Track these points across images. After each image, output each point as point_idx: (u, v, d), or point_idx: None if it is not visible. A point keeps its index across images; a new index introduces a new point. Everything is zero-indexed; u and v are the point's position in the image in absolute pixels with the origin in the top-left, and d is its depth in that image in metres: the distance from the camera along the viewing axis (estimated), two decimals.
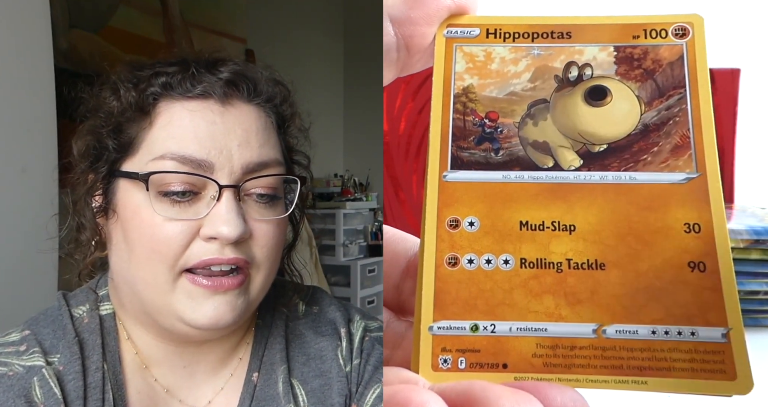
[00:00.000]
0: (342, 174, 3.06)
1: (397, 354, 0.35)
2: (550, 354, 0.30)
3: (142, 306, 0.46)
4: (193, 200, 0.44)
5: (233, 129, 0.45)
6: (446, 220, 0.33)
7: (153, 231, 0.43)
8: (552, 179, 0.33)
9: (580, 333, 0.30)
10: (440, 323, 0.31)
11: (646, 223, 0.32)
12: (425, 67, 0.36)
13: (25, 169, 1.03)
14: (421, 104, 1.00)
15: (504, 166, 0.34)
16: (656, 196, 0.32)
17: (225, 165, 0.44)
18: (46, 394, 0.44)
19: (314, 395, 0.51)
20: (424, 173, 0.34)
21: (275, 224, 0.47)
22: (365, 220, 2.85)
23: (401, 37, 0.34)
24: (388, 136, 1.01)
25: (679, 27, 0.35)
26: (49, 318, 0.48)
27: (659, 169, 0.33)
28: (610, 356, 0.30)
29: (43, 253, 0.56)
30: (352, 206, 2.79)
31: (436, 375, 0.30)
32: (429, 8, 0.35)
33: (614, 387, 0.30)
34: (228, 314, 0.44)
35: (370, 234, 2.83)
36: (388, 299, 0.37)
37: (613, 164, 0.33)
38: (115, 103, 0.46)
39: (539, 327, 0.31)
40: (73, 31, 1.81)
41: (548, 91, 0.35)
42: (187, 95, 0.45)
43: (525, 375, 0.30)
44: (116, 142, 0.46)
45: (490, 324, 0.31)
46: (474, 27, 0.36)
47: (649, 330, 0.30)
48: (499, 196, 0.33)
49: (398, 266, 0.37)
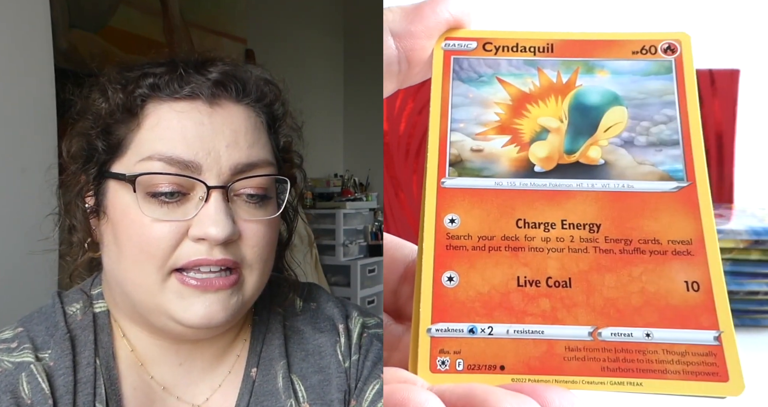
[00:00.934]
0: (342, 174, 3.06)
1: (395, 356, 0.35)
2: (546, 356, 0.31)
3: (133, 306, 0.46)
4: (181, 201, 0.44)
5: (221, 130, 0.45)
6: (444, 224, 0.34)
7: (142, 232, 0.43)
8: (552, 186, 0.34)
9: (576, 335, 0.31)
10: (438, 325, 0.32)
11: (640, 230, 0.33)
12: (424, 78, 0.38)
13: (25, 169, 1.03)
14: (421, 105, 1.00)
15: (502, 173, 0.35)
16: (649, 203, 0.33)
17: (213, 166, 0.44)
18: (33, 390, 0.44)
19: (313, 390, 0.51)
20: (423, 174, 0.35)
21: (266, 224, 0.47)
22: (365, 220, 2.85)
23: (402, 50, 0.35)
24: (388, 136, 1.01)
25: (668, 44, 0.37)
26: (42, 316, 0.49)
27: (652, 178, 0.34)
28: (605, 358, 0.31)
29: (43, 253, 0.55)
30: (352, 206, 2.79)
31: (434, 377, 0.31)
32: (428, 22, 0.36)
33: (610, 389, 0.30)
34: (220, 313, 0.44)
35: (370, 234, 2.83)
36: (386, 303, 0.38)
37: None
38: (104, 105, 0.46)
39: (536, 329, 0.31)
40: (73, 31, 1.81)
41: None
42: (175, 96, 0.45)
43: (522, 376, 0.30)
44: (105, 143, 0.46)
45: (488, 326, 0.31)
46: (471, 40, 0.38)
47: (643, 332, 0.31)
48: (495, 202, 0.34)
49: (396, 272, 0.38)
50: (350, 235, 2.74)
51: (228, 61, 0.48)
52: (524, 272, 0.32)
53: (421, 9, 0.36)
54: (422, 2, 0.36)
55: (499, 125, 0.36)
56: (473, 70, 0.37)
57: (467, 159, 0.35)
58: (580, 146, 0.35)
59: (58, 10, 1.69)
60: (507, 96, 0.37)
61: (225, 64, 0.48)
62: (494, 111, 0.36)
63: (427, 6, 0.36)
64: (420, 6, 0.36)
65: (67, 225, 0.49)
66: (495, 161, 0.35)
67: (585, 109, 0.36)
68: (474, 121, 0.36)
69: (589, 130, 0.36)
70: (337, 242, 2.68)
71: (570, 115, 0.36)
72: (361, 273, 2.64)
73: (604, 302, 0.32)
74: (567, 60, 0.37)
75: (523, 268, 0.32)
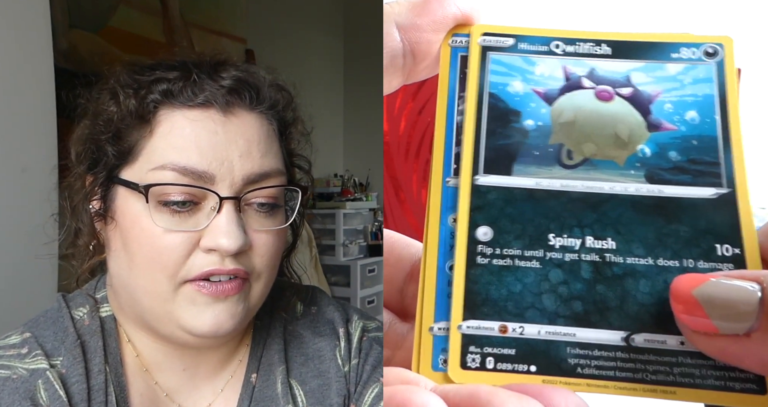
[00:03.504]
0: (342, 174, 3.06)
1: (399, 355, 0.35)
2: (578, 359, 0.30)
3: (141, 312, 0.46)
4: (193, 210, 0.43)
5: (235, 139, 0.44)
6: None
7: (153, 242, 0.43)
8: (586, 188, 0.33)
9: (608, 340, 0.30)
10: (469, 322, 0.31)
11: (676, 236, 0.32)
12: (430, 75, 0.36)
13: (25, 169, 1.03)
14: (421, 104, 1.00)
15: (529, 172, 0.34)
16: (686, 209, 0.32)
17: (226, 176, 0.43)
18: (51, 397, 0.43)
19: (313, 395, 0.51)
20: (424, 173, 0.35)
21: (275, 233, 0.46)
22: (365, 220, 2.85)
23: (408, 43, 0.34)
24: (388, 136, 1.01)
25: (711, 47, 0.36)
26: (49, 320, 0.48)
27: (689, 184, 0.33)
28: (638, 364, 0.30)
29: (47, 257, 0.55)
30: (352, 206, 2.79)
31: (437, 376, 0.30)
32: (435, 15, 0.35)
33: (642, 395, 0.30)
34: (228, 322, 0.44)
35: (370, 234, 2.83)
36: (391, 302, 0.38)
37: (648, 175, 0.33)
38: (115, 109, 0.45)
39: (568, 332, 0.31)
40: (73, 31, 1.81)
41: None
42: (189, 104, 0.44)
43: (553, 378, 0.30)
44: (116, 148, 0.45)
45: (519, 326, 0.31)
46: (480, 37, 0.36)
47: (678, 340, 0.30)
48: (528, 203, 0.33)
49: (402, 270, 0.37)
50: (350, 235, 2.74)
51: (240, 66, 0.48)
52: (556, 274, 0.32)
53: (429, 2, 0.35)
54: None
55: None
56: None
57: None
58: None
59: (58, 10, 1.69)
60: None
61: (237, 69, 0.47)
62: None
63: (434, 0, 0.35)
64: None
65: (74, 229, 0.48)
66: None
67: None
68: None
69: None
70: (337, 242, 2.68)
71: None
72: (361, 273, 2.64)
73: (638, 307, 0.31)
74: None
75: (555, 270, 0.32)
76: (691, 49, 0.36)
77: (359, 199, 2.89)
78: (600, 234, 0.32)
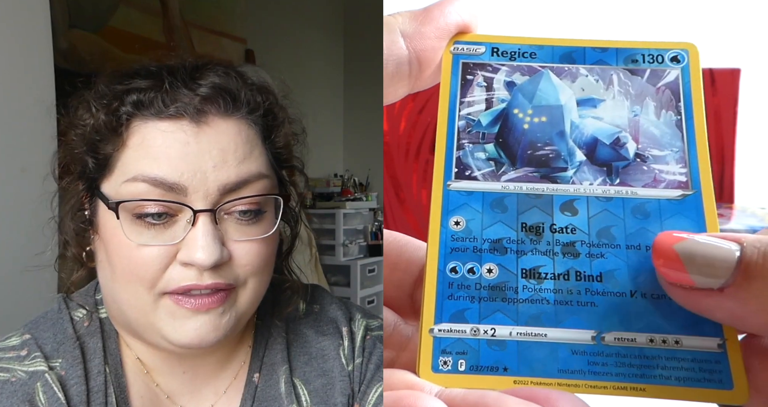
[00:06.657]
0: (342, 174, 3.06)
1: (404, 356, 0.35)
2: (550, 359, 0.31)
3: (128, 322, 0.46)
4: (169, 222, 0.43)
5: (208, 149, 0.43)
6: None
7: (130, 255, 0.42)
8: (554, 191, 0.34)
9: (579, 339, 0.31)
10: (441, 325, 0.32)
11: (644, 236, 0.33)
12: (433, 83, 0.37)
13: (25, 169, 1.03)
14: (422, 104, 1.00)
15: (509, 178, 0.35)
16: (654, 210, 0.34)
17: (200, 187, 0.42)
18: (49, 399, 0.43)
19: (317, 394, 0.51)
20: (424, 173, 0.35)
21: (260, 240, 0.45)
22: (365, 220, 2.85)
23: (413, 51, 0.35)
24: (388, 136, 1.01)
25: (676, 54, 0.37)
26: (49, 322, 0.48)
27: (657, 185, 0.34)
28: (608, 362, 0.31)
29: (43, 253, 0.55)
30: (352, 206, 2.78)
31: (436, 377, 0.31)
32: (438, 23, 0.36)
33: (613, 393, 0.30)
34: (211, 334, 0.43)
35: (370, 234, 2.82)
36: (400, 305, 0.37)
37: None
38: (90, 121, 0.45)
39: (539, 332, 0.31)
40: (73, 31, 1.81)
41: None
42: (160, 115, 0.43)
43: (524, 378, 0.30)
44: (94, 160, 0.45)
45: (490, 327, 0.31)
46: (480, 44, 0.38)
47: (646, 338, 0.31)
48: (499, 206, 0.34)
49: (412, 273, 0.37)
50: (350, 235, 2.74)
51: (221, 69, 0.46)
52: (525, 275, 0.32)
53: (430, 11, 0.36)
54: (430, 5, 0.36)
55: None
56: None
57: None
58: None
59: (58, 10, 1.69)
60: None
61: (217, 72, 0.46)
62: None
63: (436, 8, 0.36)
64: (429, 8, 0.36)
65: (62, 241, 0.48)
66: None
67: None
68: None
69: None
70: (337, 242, 2.67)
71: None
72: (361, 273, 2.64)
73: (608, 306, 0.32)
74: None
75: (525, 270, 0.32)
76: (657, 55, 0.37)
77: (359, 199, 2.89)
78: (568, 235, 0.33)
